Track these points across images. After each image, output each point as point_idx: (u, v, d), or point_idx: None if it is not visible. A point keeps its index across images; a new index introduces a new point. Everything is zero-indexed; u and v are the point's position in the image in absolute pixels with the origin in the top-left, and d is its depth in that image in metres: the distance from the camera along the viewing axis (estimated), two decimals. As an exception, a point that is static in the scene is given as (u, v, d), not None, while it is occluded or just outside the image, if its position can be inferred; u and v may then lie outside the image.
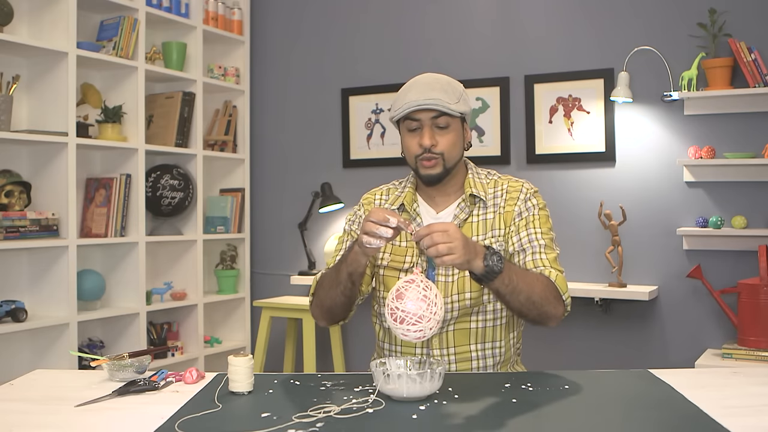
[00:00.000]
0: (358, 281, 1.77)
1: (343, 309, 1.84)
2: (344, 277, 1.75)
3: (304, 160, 4.19)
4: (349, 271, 1.73)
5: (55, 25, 3.22)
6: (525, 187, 1.90)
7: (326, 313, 1.87)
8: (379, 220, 1.59)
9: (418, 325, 1.50)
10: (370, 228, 1.59)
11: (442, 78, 1.85)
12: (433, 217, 1.89)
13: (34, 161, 3.28)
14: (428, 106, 1.77)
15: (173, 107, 3.82)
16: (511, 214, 1.86)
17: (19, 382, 1.69)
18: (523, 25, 3.68)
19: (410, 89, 1.82)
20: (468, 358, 1.85)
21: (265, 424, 1.33)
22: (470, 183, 1.89)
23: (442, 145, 1.80)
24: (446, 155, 1.81)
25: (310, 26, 4.18)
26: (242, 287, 4.22)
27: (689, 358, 3.21)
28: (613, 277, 3.40)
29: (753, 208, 3.22)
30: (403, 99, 1.81)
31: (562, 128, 3.57)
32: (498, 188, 1.90)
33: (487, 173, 1.95)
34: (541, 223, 1.86)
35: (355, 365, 3.95)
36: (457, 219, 1.85)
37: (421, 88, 1.80)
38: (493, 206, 1.88)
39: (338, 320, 1.90)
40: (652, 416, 1.41)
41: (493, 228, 1.85)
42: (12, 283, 3.23)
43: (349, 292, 1.78)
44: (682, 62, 3.30)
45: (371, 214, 1.60)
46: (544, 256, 1.81)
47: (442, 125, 1.81)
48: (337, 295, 1.80)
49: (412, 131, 1.83)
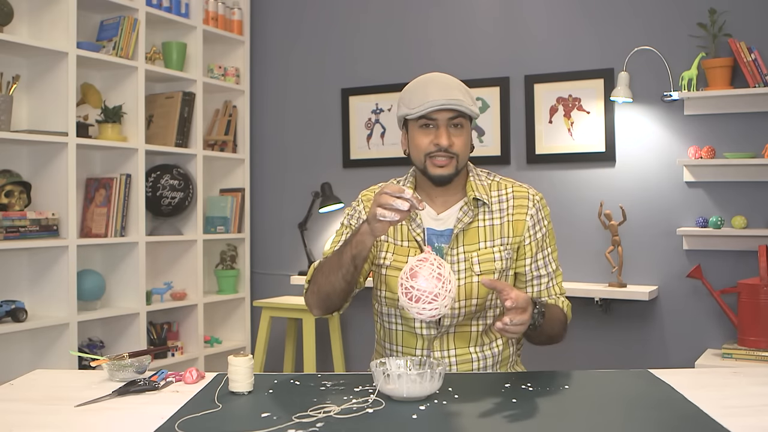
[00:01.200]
0: (360, 266, 1.74)
1: (340, 296, 1.81)
2: (347, 260, 1.73)
3: (304, 160, 4.19)
4: (354, 254, 1.71)
5: (55, 25, 3.22)
6: (531, 193, 1.91)
7: (323, 300, 1.84)
8: (395, 193, 1.58)
9: (434, 303, 1.52)
10: (386, 200, 1.58)
11: (454, 78, 1.85)
12: (433, 218, 1.88)
13: (34, 161, 3.28)
14: (451, 106, 1.77)
15: (173, 107, 3.82)
16: (523, 223, 1.87)
17: (19, 382, 1.69)
18: (524, 25, 3.68)
19: (428, 87, 1.80)
20: (468, 360, 1.86)
21: (265, 424, 1.33)
22: (472, 186, 1.88)
23: (458, 146, 1.80)
24: (460, 156, 1.82)
25: (310, 26, 4.18)
26: (242, 287, 4.22)
27: (689, 358, 3.21)
28: (613, 277, 3.40)
29: (753, 208, 3.22)
30: (422, 97, 1.79)
31: (562, 128, 3.57)
32: (502, 192, 1.90)
33: (486, 174, 1.94)
34: (551, 239, 1.92)
35: (355, 365, 3.95)
36: (461, 222, 1.84)
37: (441, 87, 1.79)
38: (499, 211, 1.88)
39: (333, 309, 1.87)
40: (652, 416, 1.41)
41: (502, 235, 1.86)
42: (12, 283, 3.23)
43: (350, 277, 1.75)
44: (682, 62, 3.30)
45: (386, 187, 1.60)
46: (556, 282, 1.92)
47: (457, 125, 1.81)
48: (337, 279, 1.77)
49: (425, 129, 1.81)
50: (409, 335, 1.87)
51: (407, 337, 1.88)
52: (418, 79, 1.87)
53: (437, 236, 1.86)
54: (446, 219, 1.87)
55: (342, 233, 1.95)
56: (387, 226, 1.64)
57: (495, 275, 1.83)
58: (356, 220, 1.95)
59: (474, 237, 1.85)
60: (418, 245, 1.84)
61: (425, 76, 1.87)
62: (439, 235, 1.86)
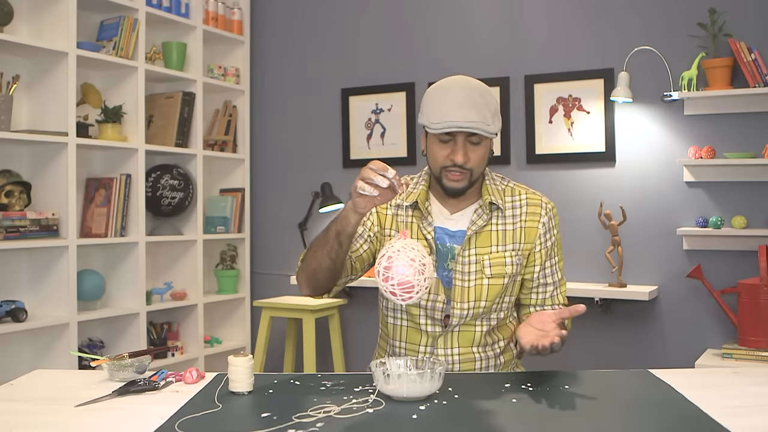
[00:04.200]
0: (345, 243, 1.72)
1: (327, 276, 1.79)
2: (332, 236, 1.71)
3: (304, 160, 4.19)
4: (338, 230, 1.70)
5: (55, 25, 3.22)
6: (545, 201, 1.92)
7: (310, 277, 1.82)
8: (378, 169, 1.58)
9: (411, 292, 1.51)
10: (368, 174, 1.58)
11: (476, 89, 1.78)
12: (446, 217, 1.89)
13: (34, 161, 3.28)
14: (468, 129, 1.73)
15: (173, 107, 3.82)
16: (535, 231, 1.88)
17: (19, 382, 1.69)
18: (524, 25, 3.68)
19: (448, 102, 1.75)
20: (471, 359, 1.87)
21: (265, 424, 1.33)
22: (488, 190, 1.89)
23: (473, 162, 1.79)
24: (475, 171, 1.81)
25: (310, 26, 4.18)
26: (242, 287, 4.22)
27: (689, 358, 3.21)
28: (613, 277, 3.40)
29: (753, 208, 3.22)
30: (441, 114, 1.74)
31: (562, 128, 3.57)
32: (516, 198, 1.91)
33: (501, 178, 1.96)
34: (558, 248, 1.94)
35: (355, 365, 3.95)
36: (475, 225, 1.86)
37: (460, 105, 1.74)
38: (512, 217, 1.89)
39: (320, 290, 1.85)
40: (652, 416, 1.41)
41: (514, 241, 1.87)
42: (12, 283, 3.23)
43: (335, 255, 1.73)
44: (682, 62, 3.30)
45: (371, 163, 1.60)
46: (560, 291, 1.94)
47: (475, 141, 1.79)
48: (323, 256, 1.75)
49: (443, 142, 1.80)
50: (414, 332, 1.88)
51: (412, 333, 1.89)
52: (439, 85, 1.82)
53: (449, 236, 1.87)
54: (459, 220, 1.88)
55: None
56: (369, 203, 1.62)
57: (505, 279, 1.85)
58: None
59: (486, 240, 1.86)
60: (428, 244, 1.85)
61: (447, 84, 1.81)
62: (452, 236, 1.87)
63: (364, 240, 1.89)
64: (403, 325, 1.90)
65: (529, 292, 1.92)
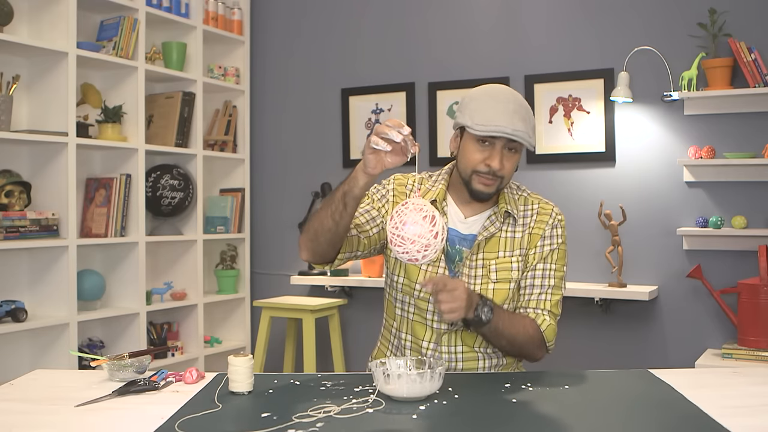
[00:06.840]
0: (351, 205, 1.70)
1: (328, 239, 1.75)
2: (338, 196, 1.70)
3: (304, 160, 4.19)
4: (345, 190, 1.69)
5: (55, 25, 3.22)
6: (554, 211, 1.94)
7: (311, 240, 1.78)
8: (394, 126, 1.57)
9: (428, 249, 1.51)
10: (382, 129, 1.57)
11: (524, 105, 1.83)
12: (460, 220, 1.91)
13: (34, 161, 3.28)
14: (515, 138, 1.76)
15: (173, 107, 3.82)
16: (538, 236, 1.90)
17: (19, 382, 1.69)
18: (524, 25, 3.68)
19: (496, 106, 1.78)
20: (474, 358, 1.88)
21: (265, 424, 1.33)
22: (506, 199, 1.91)
23: (506, 170, 1.82)
24: (505, 179, 1.84)
25: (310, 26, 4.18)
26: (242, 287, 4.22)
27: (689, 358, 3.21)
28: (613, 277, 3.40)
29: (753, 208, 3.22)
30: (488, 117, 1.77)
31: (562, 128, 3.57)
32: (528, 207, 1.93)
33: (517, 187, 1.97)
34: (559, 257, 1.92)
35: (355, 365, 3.95)
36: (486, 231, 1.87)
37: (509, 112, 1.78)
38: (522, 225, 1.91)
39: (320, 257, 1.81)
40: (652, 416, 1.41)
41: (521, 247, 1.89)
42: (12, 283, 3.23)
43: (339, 216, 1.71)
44: (682, 62, 3.30)
45: (388, 120, 1.60)
46: (549, 297, 1.88)
47: (512, 151, 1.82)
48: (326, 217, 1.73)
49: (481, 145, 1.81)
50: (420, 326, 1.89)
51: (417, 327, 1.89)
52: (487, 91, 1.85)
53: (460, 239, 1.89)
54: (472, 224, 1.90)
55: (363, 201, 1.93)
56: (379, 164, 1.61)
57: (511, 284, 1.87)
58: (380, 195, 1.95)
59: (495, 246, 1.88)
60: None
61: (495, 90, 1.84)
62: (462, 239, 1.89)
63: (376, 225, 1.89)
64: (410, 318, 1.91)
65: (521, 292, 1.91)
